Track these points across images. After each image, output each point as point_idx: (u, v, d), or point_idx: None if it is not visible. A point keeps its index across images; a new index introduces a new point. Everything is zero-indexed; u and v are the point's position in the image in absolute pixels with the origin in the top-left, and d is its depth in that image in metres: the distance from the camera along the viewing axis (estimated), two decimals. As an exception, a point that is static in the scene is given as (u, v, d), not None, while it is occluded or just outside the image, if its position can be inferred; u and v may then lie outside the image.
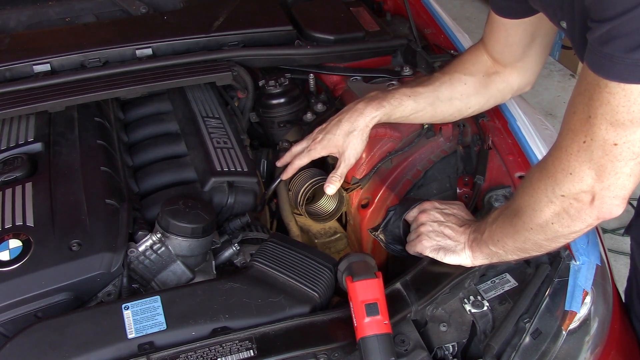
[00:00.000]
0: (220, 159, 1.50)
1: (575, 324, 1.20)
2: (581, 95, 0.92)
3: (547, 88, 4.25)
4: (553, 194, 1.00)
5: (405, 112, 1.41)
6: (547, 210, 1.02)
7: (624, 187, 0.93)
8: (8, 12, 1.95)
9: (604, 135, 0.89)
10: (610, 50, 0.84)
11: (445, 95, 1.41)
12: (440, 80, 1.42)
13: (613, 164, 0.91)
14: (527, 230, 1.08)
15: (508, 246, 1.14)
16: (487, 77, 1.42)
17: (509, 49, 1.36)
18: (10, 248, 1.21)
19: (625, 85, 0.85)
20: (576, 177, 0.95)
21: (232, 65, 1.71)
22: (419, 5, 2.08)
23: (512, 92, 1.47)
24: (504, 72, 1.41)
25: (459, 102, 1.43)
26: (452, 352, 1.18)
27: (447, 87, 1.41)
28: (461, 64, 1.44)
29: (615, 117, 0.87)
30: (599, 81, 0.87)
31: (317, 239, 1.93)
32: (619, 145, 0.89)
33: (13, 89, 1.57)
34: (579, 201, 0.97)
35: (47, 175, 1.39)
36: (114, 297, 1.26)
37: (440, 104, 1.42)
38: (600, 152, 0.91)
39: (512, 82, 1.43)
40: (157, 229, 1.30)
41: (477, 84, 1.42)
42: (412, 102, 1.40)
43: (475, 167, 1.50)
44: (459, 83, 1.41)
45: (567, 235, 1.05)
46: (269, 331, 1.10)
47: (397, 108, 1.40)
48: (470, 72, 1.42)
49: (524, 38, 1.32)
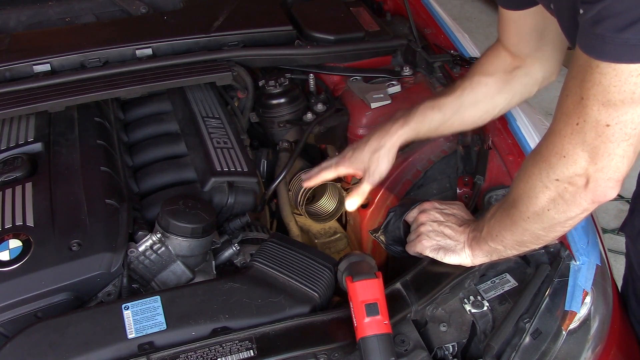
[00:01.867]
0: (220, 159, 1.50)
1: (575, 324, 1.21)
2: (574, 78, 0.93)
3: (547, 88, 4.21)
4: (547, 178, 1.00)
5: (433, 125, 1.42)
6: (542, 197, 1.03)
7: (618, 169, 0.94)
8: (8, 12, 1.95)
9: (597, 116, 0.90)
10: (601, 31, 0.84)
11: (470, 100, 1.42)
12: (462, 86, 1.43)
13: (606, 146, 0.91)
14: (524, 220, 1.08)
15: (507, 240, 1.14)
16: (508, 73, 1.41)
17: (523, 40, 1.35)
18: (10, 248, 1.21)
19: (616, 65, 0.85)
20: (570, 159, 0.96)
21: (232, 65, 1.71)
22: (419, 5, 2.08)
23: (538, 84, 1.47)
24: (525, 65, 1.41)
25: (484, 105, 1.43)
26: (452, 352, 1.18)
27: (470, 92, 1.41)
28: (480, 67, 1.44)
29: (607, 97, 0.87)
30: (590, 62, 0.88)
31: (317, 239, 1.94)
32: (612, 126, 0.89)
33: (13, 89, 1.57)
34: (573, 185, 0.98)
35: (47, 175, 1.39)
36: (114, 297, 1.26)
37: (466, 109, 1.42)
38: (593, 133, 0.91)
39: (535, 73, 1.43)
40: (157, 229, 1.30)
41: (499, 83, 1.42)
42: (437, 113, 1.41)
43: (475, 167, 1.51)
44: (480, 85, 1.42)
45: (563, 223, 1.05)
46: (269, 331, 1.10)
47: (423, 122, 1.40)
48: (489, 72, 1.42)
49: (535, 27, 1.31)
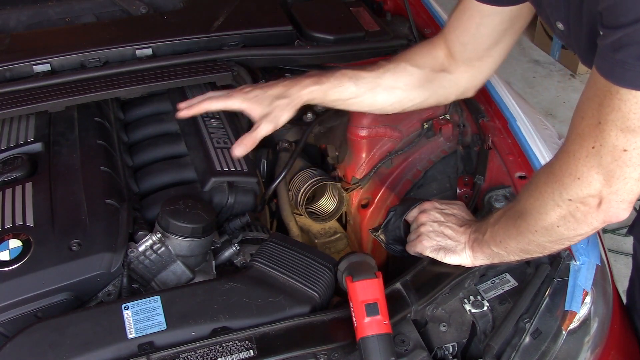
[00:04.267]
0: (220, 159, 1.50)
1: (575, 324, 1.21)
2: (590, 101, 0.92)
3: (547, 88, 4.25)
4: (560, 197, 0.99)
5: (344, 95, 1.36)
6: (552, 214, 1.02)
7: (632, 191, 0.93)
8: (8, 12, 1.95)
9: (614, 141, 0.89)
10: (622, 57, 0.84)
11: (388, 83, 1.37)
12: (385, 67, 1.38)
13: (622, 170, 0.91)
14: (532, 233, 1.08)
15: (510, 247, 1.14)
16: (435, 72, 1.38)
17: (475, 42, 1.32)
18: (10, 248, 1.21)
19: (636, 92, 0.84)
20: (584, 181, 0.95)
21: (232, 65, 1.71)
22: (419, 5, 2.08)
23: (457, 94, 1.43)
24: (456, 71, 1.38)
25: (400, 93, 1.39)
26: (452, 352, 1.18)
27: (391, 75, 1.37)
28: (410, 55, 1.40)
29: (626, 123, 0.87)
30: (609, 87, 0.87)
31: (317, 239, 1.94)
32: (629, 151, 0.89)
33: (13, 89, 1.56)
34: (585, 205, 0.97)
35: (47, 175, 1.38)
36: (114, 297, 1.26)
37: (382, 91, 1.38)
38: (610, 157, 0.91)
39: (460, 83, 1.40)
40: (157, 229, 1.30)
41: (422, 77, 1.38)
42: (353, 84, 1.35)
43: (475, 167, 1.50)
44: (404, 73, 1.37)
45: (571, 238, 1.05)
46: (269, 331, 1.10)
47: (336, 88, 1.34)
48: (418, 64, 1.38)
49: (496, 31, 1.28)
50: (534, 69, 4.43)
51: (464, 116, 1.64)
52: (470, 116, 1.61)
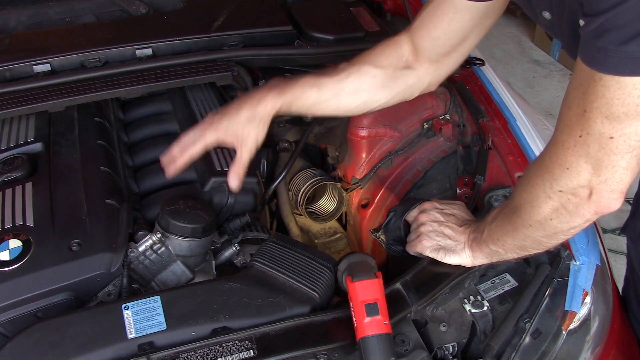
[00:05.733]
0: (220, 159, 1.50)
1: (575, 324, 1.21)
2: (576, 90, 0.93)
3: (547, 88, 4.25)
4: (551, 189, 1.00)
5: (308, 102, 1.35)
6: (545, 207, 1.02)
7: (621, 180, 0.93)
8: (8, 12, 1.95)
9: (600, 128, 0.89)
10: (603, 43, 0.84)
11: (351, 87, 1.36)
12: (347, 71, 1.37)
13: (609, 158, 0.91)
14: (526, 227, 1.08)
15: (508, 244, 1.14)
16: (399, 70, 1.37)
17: (445, 37, 1.31)
18: (10, 248, 1.21)
19: (619, 78, 0.85)
20: (573, 171, 0.96)
21: (232, 65, 1.71)
22: (419, 5, 2.08)
23: (421, 89, 1.42)
24: (420, 68, 1.37)
25: (364, 95, 1.38)
26: (452, 352, 1.18)
27: (354, 79, 1.36)
28: (372, 56, 1.39)
29: (610, 110, 0.87)
30: (593, 75, 0.87)
31: (317, 239, 1.94)
32: (615, 138, 0.89)
33: (13, 89, 1.56)
34: (576, 196, 0.97)
35: (47, 175, 1.38)
36: (114, 297, 1.26)
37: (346, 95, 1.37)
38: (597, 145, 0.91)
39: (424, 79, 1.39)
40: (157, 229, 1.30)
41: (386, 78, 1.37)
42: (315, 91, 1.35)
43: (475, 167, 1.50)
44: (367, 76, 1.37)
45: (566, 232, 1.05)
46: (269, 331, 1.10)
47: (299, 97, 1.34)
48: (381, 65, 1.37)
49: (466, 27, 1.28)
50: (534, 69, 4.43)
51: (464, 116, 1.64)
52: (470, 116, 1.61)
